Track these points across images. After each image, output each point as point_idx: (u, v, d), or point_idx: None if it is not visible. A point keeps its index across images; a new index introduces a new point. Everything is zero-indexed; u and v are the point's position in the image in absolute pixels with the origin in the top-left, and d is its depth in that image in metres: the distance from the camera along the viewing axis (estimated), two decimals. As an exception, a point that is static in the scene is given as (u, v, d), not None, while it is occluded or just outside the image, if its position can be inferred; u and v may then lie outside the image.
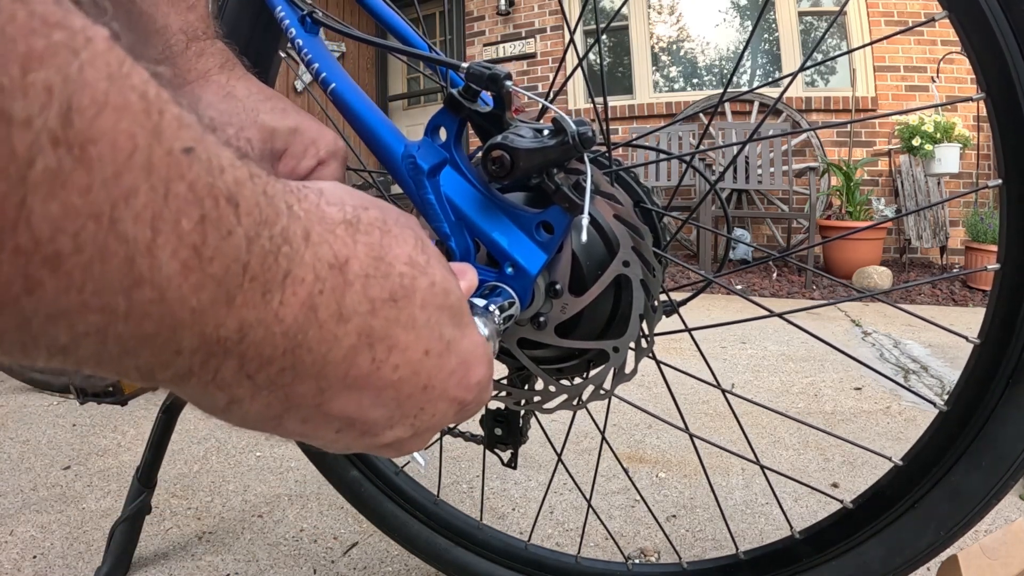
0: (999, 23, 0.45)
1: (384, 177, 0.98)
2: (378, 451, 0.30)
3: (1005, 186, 0.49)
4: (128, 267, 0.16)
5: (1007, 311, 0.50)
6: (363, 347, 0.24)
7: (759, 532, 1.02)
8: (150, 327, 0.17)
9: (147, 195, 0.16)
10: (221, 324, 0.19)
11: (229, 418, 0.24)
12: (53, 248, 0.14)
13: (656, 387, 1.73)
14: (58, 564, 0.91)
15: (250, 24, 0.73)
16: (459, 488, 1.17)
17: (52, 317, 0.16)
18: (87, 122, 0.14)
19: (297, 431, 0.26)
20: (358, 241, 0.24)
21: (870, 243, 4.06)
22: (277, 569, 0.91)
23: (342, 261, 0.23)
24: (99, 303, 0.16)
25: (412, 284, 0.26)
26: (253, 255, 0.19)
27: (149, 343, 0.18)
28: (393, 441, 0.29)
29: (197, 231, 0.17)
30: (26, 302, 0.15)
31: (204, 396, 0.22)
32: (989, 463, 0.50)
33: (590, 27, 5.16)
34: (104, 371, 0.19)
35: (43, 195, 0.14)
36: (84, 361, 0.18)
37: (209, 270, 0.18)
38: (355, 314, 0.23)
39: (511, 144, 0.41)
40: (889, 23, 4.37)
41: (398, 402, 0.27)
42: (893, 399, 1.70)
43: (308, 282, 0.21)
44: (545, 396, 0.55)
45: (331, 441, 0.27)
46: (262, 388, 0.22)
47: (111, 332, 0.17)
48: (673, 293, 0.58)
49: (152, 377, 0.20)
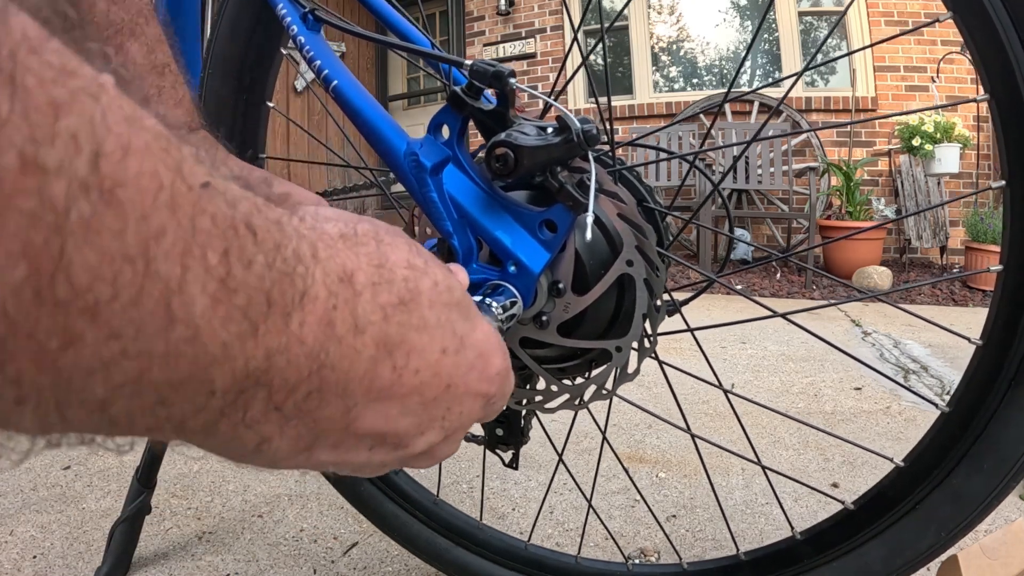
0: (1003, 24, 0.45)
1: (386, 176, 0.97)
2: (412, 462, 0.30)
3: (1009, 187, 0.48)
4: (164, 307, 0.16)
5: (1009, 312, 0.49)
6: (383, 356, 0.24)
7: (759, 532, 1.02)
8: (184, 369, 0.17)
9: (175, 232, 0.16)
10: (251, 356, 0.19)
11: (258, 460, 0.24)
12: (92, 297, 0.14)
13: (656, 387, 1.73)
14: (58, 564, 0.91)
15: (251, 22, 0.73)
16: (459, 488, 1.17)
17: (91, 371, 0.15)
18: (114, 166, 0.14)
19: (330, 459, 0.26)
20: (359, 253, 0.24)
21: (870, 243, 4.06)
22: (277, 569, 0.91)
23: (349, 274, 0.23)
24: (136, 349, 0.16)
25: (416, 286, 0.26)
26: (273, 281, 0.19)
27: (183, 387, 0.18)
28: (426, 448, 0.29)
29: (223, 263, 0.17)
30: (64, 357, 0.15)
31: (233, 440, 0.22)
32: (991, 465, 0.50)
33: (590, 27, 5.16)
34: (136, 428, 0.19)
35: (80, 242, 0.14)
36: (118, 419, 0.17)
37: (236, 301, 0.18)
38: (369, 324, 0.23)
39: (515, 141, 0.41)
40: (889, 23, 4.38)
41: (424, 406, 0.27)
42: (893, 399, 1.70)
43: (322, 299, 0.21)
44: (547, 396, 0.55)
45: (364, 462, 0.27)
46: (290, 419, 0.22)
47: (147, 380, 0.17)
48: (674, 293, 0.58)
49: (183, 429, 0.20)
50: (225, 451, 0.23)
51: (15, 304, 0.13)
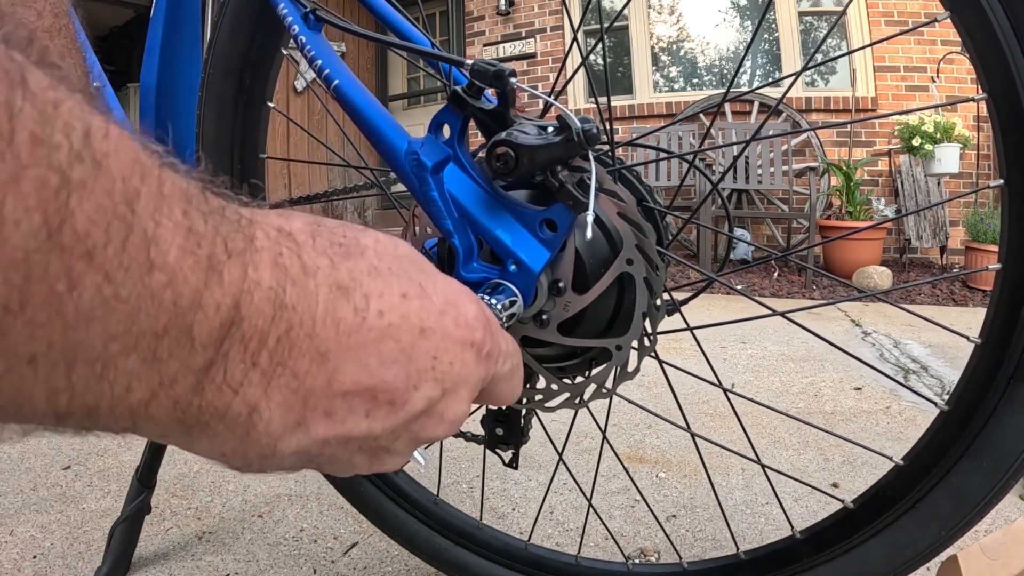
0: (1001, 23, 0.45)
1: (386, 176, 0.98)
2: (423, 428, 0.29)
3: (1007, 186, 0.49)
4: (144, 254, 0.19)
5: (1008, 311, 0.50)
6: (339, 297, 0.25)
7: (759, 532, 1.02)
8: (165, 316, 0.20)
9: (147, 193, 0.19)
10: (220, 303, 0.21)
11: (256, 440, 0.24)
12: (91, 242, 0.18)
13: (656, 387, 1.73)
14: (58, 564, 0.91)
15: (252, 22, 0.73)
16: (459, 488, 1.17)
17: (91, 317, 0.18)
18: (100, 141, 0.18)
19: (330, 434, 0.26)
20: (291, 218, 0.26)
21: (870, 243, 4.06)
22: (277, 569, 0.91)
23: (288, 230, 0.25)
24: (125, 292, 0.19)
25: (357, 243, 0.27)
26: (226, 233, 0.22)
27: (168, 338, 0.20)
28: (426, 405, 0.28)
29: (186, 219, 0.20)
30: (69, 300, 0.18)
31: (226, 416, 0.23)
32: (990, 463, 0.50)
33: (590, 27, 5.16)
34: (134, 397, 0.21)
35: (80, 198, 0.17)
36: (116, 382, 0.20)
37: (200, 251, 0.21)
38: (318, 268, 0.25)
39: (516, 140, 0.41)
40: (889, 23, 4.38)
41: (404, 354, 0.27)
42: (893, 399, 1.70)
43: (268, 247, 0.23)
44: (547, 395, 0.55)
45: (366, 433, 0.27)
46: (270, 378, 0.23)
47: (136, 330, 0.19)
48: (674, 292, 0.58)
49: (177, 404, 0.22)
50: (223, 438, 0.24)
51: (33, 247, 0.16)
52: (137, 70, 0.90)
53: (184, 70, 0.87)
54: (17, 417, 0.19)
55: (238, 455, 0.25)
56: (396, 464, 0.31)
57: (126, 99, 5.59)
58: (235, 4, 0.72)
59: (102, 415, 0.20)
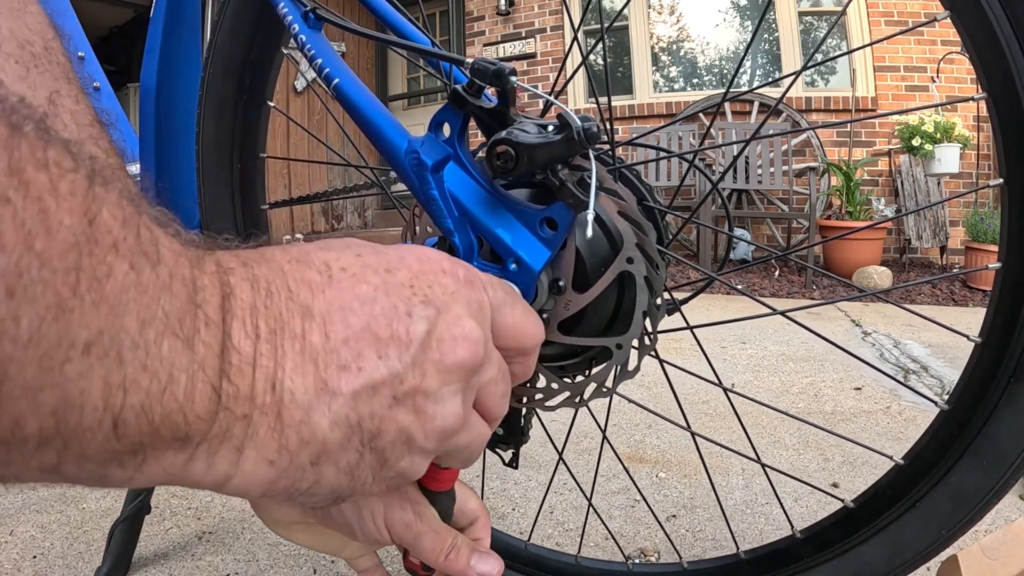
0: (1000, 23, 0.45)
1: (386, 175, 0.98)
2: (441, 354, 0.28)
3: (1006, 186, 0.49)
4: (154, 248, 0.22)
5: (1008, 310, 0.50)
6: (301, 266, 0.27)
7: (759, 532, 1.02)
8: (178, 300, 0.23)
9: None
10: (209, 283, 0.24)
11: (290, 419, 0.25)
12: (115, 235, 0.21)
13: (656, 387, 1.73)
14: (58, 564, 0.91)
15: (252, 22, 0.73)
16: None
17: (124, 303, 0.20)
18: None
19: (352, 386, 0.26)
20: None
21: (870, 243, 4.06)
22: (277, 569, 0.91)
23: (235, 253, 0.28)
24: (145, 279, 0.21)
25: (303, 247, 0.29)
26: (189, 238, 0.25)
27: (187, 316, 0.22)
28: (428, 327, 0.28)
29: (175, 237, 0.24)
30: (108, 284, 0.20)
31: (251, 394, 0.24)
32: (990, 462, 0.50)
33: (590, 27, 5.16)
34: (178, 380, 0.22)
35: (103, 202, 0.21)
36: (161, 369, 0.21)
37: (187, 252, 0.24)
38: (274, 253, 0.28)
39: (516, 139, 0.41)
40: (889, 23, 4.38)
41: (379, 289, 0.28)
42: (893, 399, 1.70)
43: (227, 248, 0.27)
44: (547, 393, 0.55)
45: (387, 371, 0.27)
46: (273, 344, 0.25)
47: (161, 314, 0.22)
48: (674, 292, 0.58)
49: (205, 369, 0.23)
50: (262, 435, 0.25)
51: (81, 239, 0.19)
52: (137, 70, 0.90)
53: (184, 70, 0.87)
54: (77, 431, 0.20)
55: (284, 452, 0.25)
56: (448, 416, 0.29)
57: (126, 99, 5.60)
58: (235, 4, 0.72)
59: (156, 419, 0.21)
